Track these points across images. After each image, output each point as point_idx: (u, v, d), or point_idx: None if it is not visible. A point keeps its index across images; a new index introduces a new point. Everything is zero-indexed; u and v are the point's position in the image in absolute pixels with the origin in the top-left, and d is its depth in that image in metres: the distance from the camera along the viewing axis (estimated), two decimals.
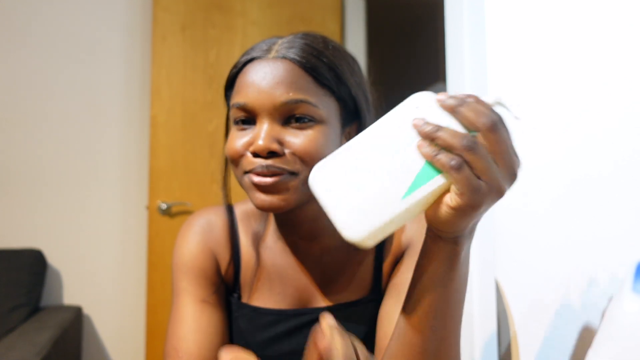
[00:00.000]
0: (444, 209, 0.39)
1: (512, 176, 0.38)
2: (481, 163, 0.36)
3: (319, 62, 0.56)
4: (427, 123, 0.39)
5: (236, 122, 0.57)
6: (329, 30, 2.02)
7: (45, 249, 1.76)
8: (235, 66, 0.59)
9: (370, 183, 0.40)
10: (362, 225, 0.39)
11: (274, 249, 0.66)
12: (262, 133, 0.53)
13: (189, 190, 1.78)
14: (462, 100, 0.39)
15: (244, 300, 0.65)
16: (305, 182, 0.53)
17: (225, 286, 0.66)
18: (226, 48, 1.86)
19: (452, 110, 0.39)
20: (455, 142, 0.37)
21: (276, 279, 0.64)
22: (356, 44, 2.14)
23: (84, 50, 1.87)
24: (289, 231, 0.64)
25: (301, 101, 0.54)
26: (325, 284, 0.64)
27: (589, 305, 0.53)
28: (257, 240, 0.67)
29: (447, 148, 0.37)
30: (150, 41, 1.89)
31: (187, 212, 1.78)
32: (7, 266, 1.61)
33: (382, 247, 0.64)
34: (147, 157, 1.87)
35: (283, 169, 0.53)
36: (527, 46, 0.65)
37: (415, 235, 0.62)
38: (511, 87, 0.69)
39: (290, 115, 0.54)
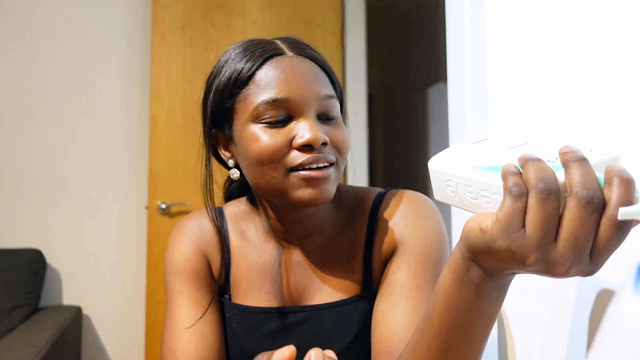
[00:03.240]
0: (475, 225, 0.35)
1: (557, 266, 0.31)
2: (538, 217, 0.30)
3: (325, 62, 0.61)
4: (530, 155, 0.33)
5: (262, 120, 0.55)
6: (329, 30, 2.02)
7: (45, 249, 1.76)
8: (249, 61, 0.57)
9: (480, 148, 0.42)
10: (440, 161, 0.41)
11: (264, 248, 0.66)
12: (313, 126, 0.54)
13: (188, 190, 1.78)
14: (583, 160, 0.31)
15: (235, 300, 0.66)
16: (339, 173, 0.58)
17: (218, 286, 0.67)
18: (226, 48, 1.86)
19: (564, 164, 0.32)
20: (534, 179, 0.31)
21: (266, 278, 0.65)
22: (356, 44, 2.14)
23: (84, 50, 1.87)
24: (286, 229, 0.64)
25: (333, 97, 0.58)
26: (315, 282, 0.64)
27: (589, 305, 0.53)
28: (247, 240, 0.67)
29: (525, 181, 0.32)
30: (149, 41, 1.89)
31: (186, 212, 1.78)
32: (6, 266, 1.61)
33: (371, 245, 0.64)
34: (146, 157, 1.87)
35: (331, 158, 0.56)
36: (528, 46, 0.65)
37: (405, 234, 0.61)
38: (511, 87, 0.69)
39: (323, 112, 0.57)
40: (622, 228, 0.30)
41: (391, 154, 3.69)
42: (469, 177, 0.37)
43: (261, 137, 0.54)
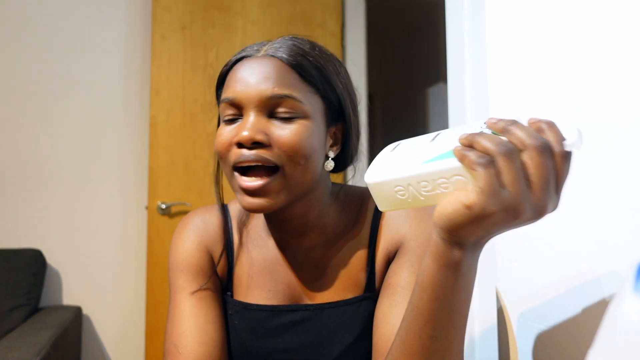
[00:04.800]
0: (457, 206, 0.37)
1: (538, 209, 0.36)
2: (512, 174, 0.34)
3: (305, 60, 0.58)
4: (471, 133, 0.38)
5: (224, 119, 0.58)
6: (329, 30, 2.02)
7: (45, 249, 1.76)
8: (225, 65, 0.61)
9: (404, 151, 0.44)
10: (378, 173, 0.43)
11: (266, 245, 0.66)
12: (248, 124, 0.55)
13: (188, 190, 1.78)
14: (514, 122, 0.37)
15: (238, 297, 0.66)
16: (289, 177, 0.55)
17: (221, 283, 0.67)
18: (226, 48, 1.86)
19: (504, 130, 0.37)
20: (492, 146, 0.35)
21: (267, 275, 0.65)
22: (356, 44, 2.14)
23: (84, 50, 1.87)
24: (278, 228, 0.65)
25: (286, 96, 0.56)
26: (318, 281, 0.64)
27: (589, 305, 0.53)
28: (250, 238, 0.67)
29: (483, 152, 0.36)
30: (149, 40, 1.89)
31: (186, 212, 1.77)
32: (6, 266, 1.61)
33: (374, 245, 0.64)
34: (146, 157, 1.87)
35: (268, 160, 0.54)
36: (528, 46, 0.65)
37: (408, 233, 0.62)
38: (511, 87, 0.69)
39: (275, 110, 0.56)
40: (568, 158, 0.36)
41: None
42: (420, 173, 0.40)
43: (219, 133, 0.58)
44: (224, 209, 0.70)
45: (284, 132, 0.55)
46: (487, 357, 0.70)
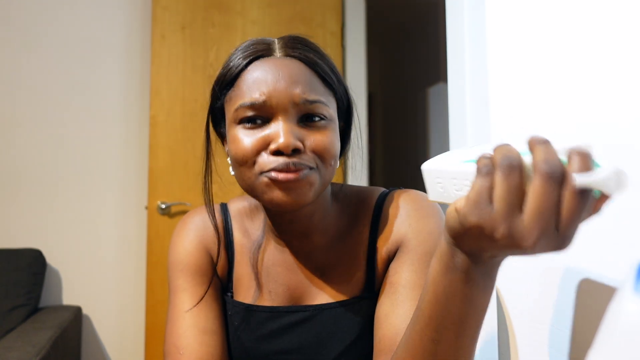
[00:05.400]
0: (452, 209, 0.37)
1: (525, 240, 0.32)
2: (502, 190, 0.32)
3: (322, 61, 0.59)
4: (505, 143, 0.35)
5: (243, 122, 0.55)
6: (329, 30, 2.02)
7: (45, 249, 1.76)
8: (231, 65, 0.58)
9: (460, 150, 0.42)
10: (431, 162, 0.42)
11: (267, 246, 0.66)
12: (285, 131, 0.53)
13: (188, 190, 1.78)
14: (546, 142, 0.33)
15: (237, 297, 0.65)
16: (321, 178, 0.56)
17: (220, 284, 0.67)
18: (226, 47, 1.86)
19: (530, 147, 0.33)
20: (498, 158, 0.33)
21: (268, 276, 0.65)
22: (356, 44, 2.14)
23: (83, 50, 1.87)
24: (282, 229, 0.64)
25: (317, 101, 0.55)
26: (318, 282, 0.64)
27: (589, 305, 0.52)
28: (250, 238, 0.67)
29: (493, 161, 0.34)
30: (149, 40, 1.89)
31: (186, 212, 1.77)
32: (6, 266, 1.61)
33: (374, 244, 0.64)
34: (146, 157, 1.87)
35: (305, 165, 0.53)
36: (528, 46, 0.65)
37: (408, 232, 0.61)
38: (511, 87, 0.69)
39: (305, 114, 0.55)
40: (583, 197, 0.31)
41: (391, 154, 3.69)
42: (453, 171, 0.39)
43: (239, 139, 0.55)
44: (224, 209, 0.70)
45: (317, 137, 0.55)
46: (487, 357, 0.70)
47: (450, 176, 0.39)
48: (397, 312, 0.57)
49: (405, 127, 3.43)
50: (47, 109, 1.83)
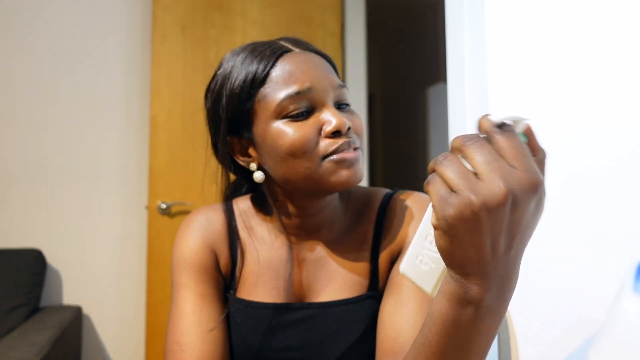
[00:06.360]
0: (434, 235, 0.36)
1: (494, 195, 0.31)
2: (451, 173, 0.33)
3: (329, 57, 0.64)
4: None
5: (292, 115, 0.56)
6: (329, 30, 2.02)
7: (45, 249, 1.76)
8: (250, 68, 0.58)
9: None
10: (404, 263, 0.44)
11: (272, 244, 0.67)
12: (336, 113, 0.56)
13: (188, 190, 1.78)
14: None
15: (241, 295, 0.66)
16: (363, 158, 0.60)
17: (224, 281, 0.67)
18: (226, 48, 1.86)
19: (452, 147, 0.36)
20: (434, 161, 0.36)
21: (272, 273, 0.65)
22: (356, 44, 2.14)
23: (84, 50, 1.87)
24: (296, 223, 0.65)
25: (344, 86, 0.60)
26: (322, 280, 0.65)
27: (589, 305, 0.53)
28: (256, 236, 0.67)
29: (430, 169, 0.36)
30: (150, 41, 1.89)
31: (186, 212, 1.77)
32: (7, 266, 1.61)
33: (378, 244, 0.64)
34: (147, 157, 1.87)
35: (356, 142, 0.58)
36: (527, 46, 0.65)
37: (412, 232, 0.62)
38: (511, 86, 0.69)
39: (338, 100, 0.59)
40: (505, 131, 0.34)
41: (391, 154, 3.69)
42: (420, 231, 0.42)
43: (289, 131, 0.56)
44: (229, 208, 0.70)
45: (354, 118, 0.60)
46: (487, 357, 0.70)
47: (422, 238, 0.41)
48: (401, 312, 0.57)
49: (405, 127, 3.43)
50: (48, 109, 1.83)
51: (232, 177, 0.74)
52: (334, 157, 0.55)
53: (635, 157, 0.47)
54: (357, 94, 2.12)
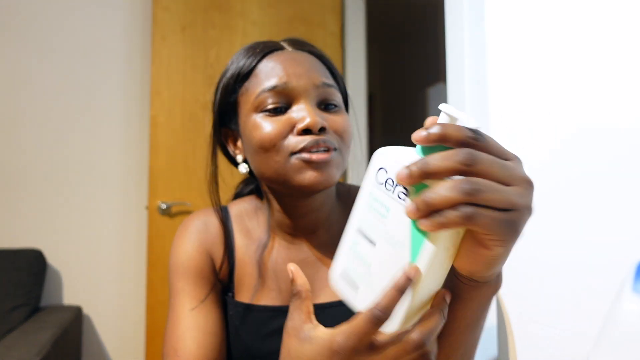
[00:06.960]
0: (484, 258, 0.33)
1: (524, 184, 0.31)
2: (492, 194, 0.29)
3: (326, 57, 0.63)
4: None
5: (267, 109, 0.57)
6: (329, 30, 2.02)
7: (45, 249, 1.76)
8: (242, 61, 0.60)
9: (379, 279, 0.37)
10: (392, 320, 0.36)
11: (269, 246, 0.67)
12: (310, 111, 0.55)
13: (188, 190, 1.78)
14: (421, 162, 0.32)
15: (239, 298, 0.66)
16: (343, 160, 0.58)
17: (221, 285, 0.67)
18: (226, 48, 1.86)
19: (423, 177, 0.32)
20: (447, 189, 0.30)
21: (271, 275, 0.65)
22: (356, 44, 2.14)
23: (84, 50, 1.87)
24: (289, 224, 0.65)
25: (332, 86, 0.59)
26: (320, 281, 0.64)
27: (589, 305, 0.53)
28: (252, 238, 0.67)
29: (443, 202, 0.30)
30: (150, 41, 1.89)
31: (187, 212, 1.77)
32: (7, 266, 1.61)
33: None
34: (147, 157, 1.87)
35: (331, 144, 0.56)
36: (527, 46, 0.65)
37: None
38: (510, 86, 0.69)
39: (322, 100, 0.59)
40: (480, 134, 0.31)
41: None
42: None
43: (263, 125, 0.57)
44: (224, 211, 0.70)
45: (336, 119, 0.58)
46: (487, 357, 0.70)
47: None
48: None
49: (406, 127, 3.43)
50: (48, 110, 1.83)
51: (232, 177, 0.74)
52: (303, 155, 0.55)
53: (635, 158, 0.47)
54: (357, 94, 2.12)
